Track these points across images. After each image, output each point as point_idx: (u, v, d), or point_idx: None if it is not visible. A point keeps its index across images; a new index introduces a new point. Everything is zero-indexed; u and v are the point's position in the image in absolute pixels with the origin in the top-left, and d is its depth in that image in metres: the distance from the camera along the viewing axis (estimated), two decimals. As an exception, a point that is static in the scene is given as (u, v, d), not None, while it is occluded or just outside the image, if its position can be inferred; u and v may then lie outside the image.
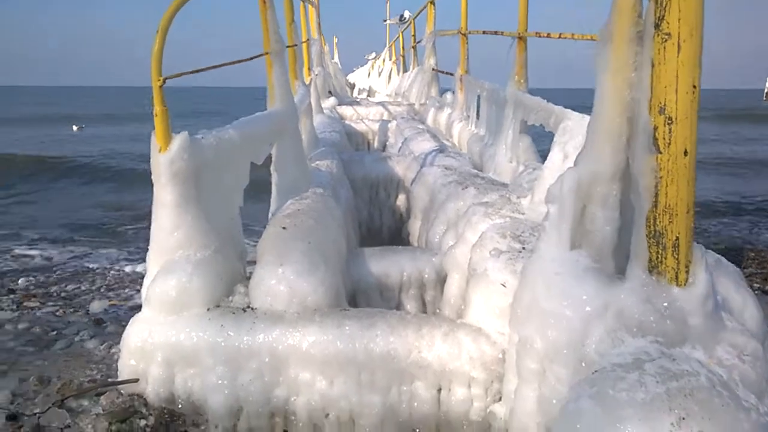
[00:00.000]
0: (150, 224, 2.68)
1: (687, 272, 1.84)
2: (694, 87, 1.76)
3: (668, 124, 1.78)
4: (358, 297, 3.15)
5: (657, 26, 1.75)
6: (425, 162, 4.92)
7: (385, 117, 8.24)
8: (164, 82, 2.55)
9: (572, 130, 3.13)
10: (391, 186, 5.35)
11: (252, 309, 2.53)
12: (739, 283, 2.18)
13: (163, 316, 2.52)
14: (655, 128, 1.79)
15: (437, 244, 3.40)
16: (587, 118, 3.29)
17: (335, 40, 20.20)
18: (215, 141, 2.80)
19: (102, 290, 4.90)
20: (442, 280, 3.16)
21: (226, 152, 2.87)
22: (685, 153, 1.78)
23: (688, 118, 1.77)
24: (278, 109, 3.35)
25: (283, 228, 2.89)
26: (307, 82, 6.42)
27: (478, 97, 5.49)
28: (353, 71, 23.05)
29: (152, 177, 2.64)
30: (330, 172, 4.24)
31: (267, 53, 3.26)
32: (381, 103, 8.94)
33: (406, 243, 4.63)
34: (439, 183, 3.94)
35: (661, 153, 1.79)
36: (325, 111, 7.09)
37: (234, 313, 2.51)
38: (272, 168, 3.44)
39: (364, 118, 8.04)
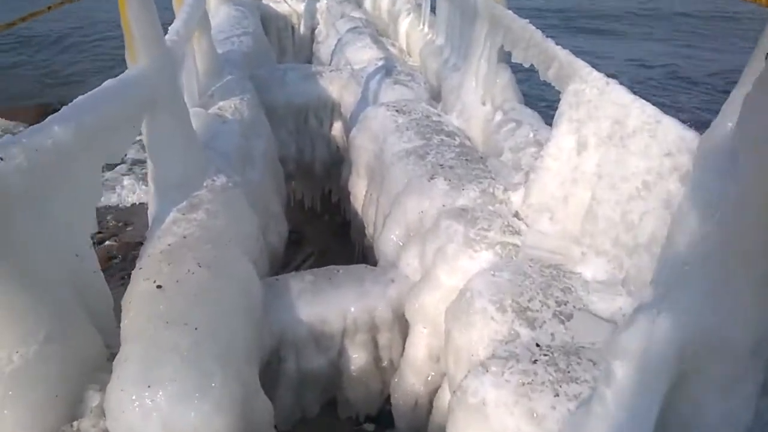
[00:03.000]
0: None
1: None
2: None
3: None
4: (285, 351, 2.22)
5: None
6: (368, 89, 3.77)
7: (313, -9, 6.72)
8: None
9: (591, 102, 2.10)
10: (324, 111, 4.20)
11: (108, 456, 1.58)
12: None
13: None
14: None
15: (392, 255, 2.44)
16: (614, 85, 2.25)
17: None
18: (27, 159, 1.65)
19: None
20: (400, 318, 2.25)
21: (52, 168, 1.73)
22: None
23: None
24: (142, 69, 2.12)
25: (158, 287, 1.85)
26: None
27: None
28: None
29: None
30: (238, 120, 3.07)
31: (112, -23, 1.97)
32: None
33: (345, 199, 3.62)
34: (390, 148, 2.88)
35: None
36: (235, -8, 5.54)
37: (78, 467, 1.55)
38: (147, 154, 2.30)
39: (286, -5, 6.50)
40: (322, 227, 4.76)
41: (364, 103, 3.70)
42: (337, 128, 4.26)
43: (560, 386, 1.47)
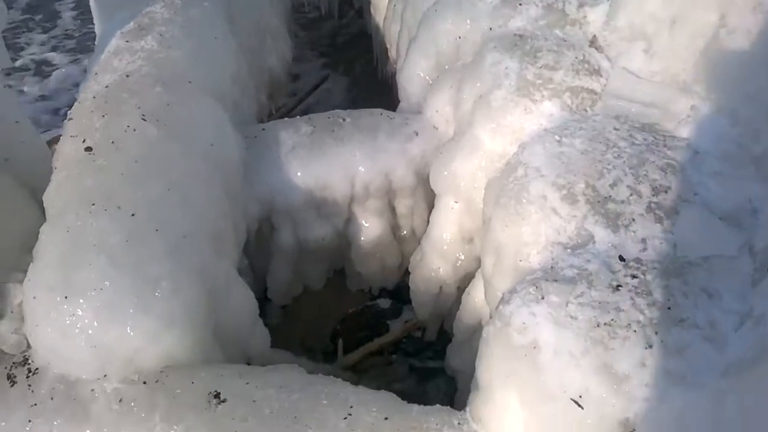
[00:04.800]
0: None
1: None
2: None
3: None
4: (277, 219, 1.74)
5: None
6: None
7: None
8: None
9: None
10: None
11: (30, 373, 1.20)
12: None
13: None
14: None
15: (416, 96, 1.84)
16: None
17: None
18: None
19: None
20: (425, 181, 1.73)
21: None
22: None
23: None
24: None
25: (87, 149, 1.34)
26: None
27: None
28: None
29: None
30: None
31: None
32: None
33: (366, 8, 2.90)
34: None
35: None
36: None
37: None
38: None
39: None
40: (341, 42, 4.05)
41: None
42: None
43: (655, 332, 0.97)
